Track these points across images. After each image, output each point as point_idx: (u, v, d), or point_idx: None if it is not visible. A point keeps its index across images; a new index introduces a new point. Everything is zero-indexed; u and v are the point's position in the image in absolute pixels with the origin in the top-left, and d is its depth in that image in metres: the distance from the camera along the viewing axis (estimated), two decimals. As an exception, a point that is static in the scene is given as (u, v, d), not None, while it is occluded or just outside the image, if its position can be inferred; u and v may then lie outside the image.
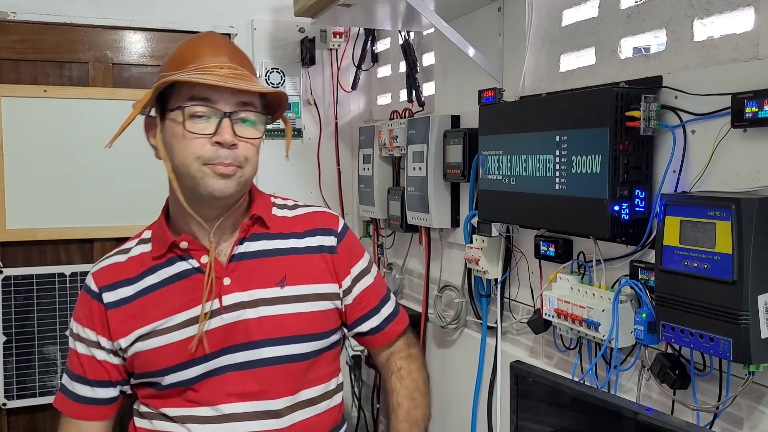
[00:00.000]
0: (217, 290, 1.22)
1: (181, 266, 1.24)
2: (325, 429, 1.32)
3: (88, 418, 1.28)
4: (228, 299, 1.22)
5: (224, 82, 1.16)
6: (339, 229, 1.35)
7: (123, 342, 1.23)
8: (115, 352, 1.25)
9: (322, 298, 1.30)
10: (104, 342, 1.25)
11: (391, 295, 1.44)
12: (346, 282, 1.34)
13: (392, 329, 1.41)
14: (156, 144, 1.23)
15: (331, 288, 1.31)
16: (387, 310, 1.41)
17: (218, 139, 1.16)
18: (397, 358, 1.42)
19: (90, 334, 1.26)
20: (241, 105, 1.19)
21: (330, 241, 1.33)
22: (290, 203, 1.38)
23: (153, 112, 1.25)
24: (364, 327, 1.37)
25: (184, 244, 1.24)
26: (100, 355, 1.25)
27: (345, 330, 1.38)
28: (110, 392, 1.27)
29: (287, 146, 1.35)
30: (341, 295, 1.33)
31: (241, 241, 1.26)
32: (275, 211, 1.33)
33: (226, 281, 1.23)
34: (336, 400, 1.35)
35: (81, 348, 1.27)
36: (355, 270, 1.35)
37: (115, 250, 1.33)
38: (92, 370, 1.26)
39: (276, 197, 1.38)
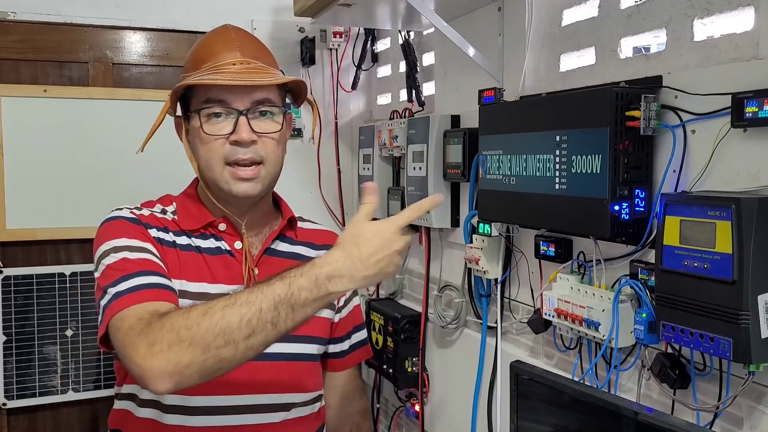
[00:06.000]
0: (249, 276, 1.25)
1: (215, 243, 1.25)
2: (314, 429, 1.36)
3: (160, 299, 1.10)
4: None
5: (232, 81, 1.15)
6: None
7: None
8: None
9: (328, 306, 1.33)
10: (153, 248, 1.18)
11: (364, 325, 1.49)
12: (341, 300, 1.40)
13: (357, 355, 1.45)
14: (184, 143, 1.26)
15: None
16: (357, 337, 1.46)
17: (235, 138, 1.17)
18: (354, 411, 1.47)
19: (138, 243, 1.17)
20: (255, 102, 1.19)
21: None
22: (306, 217, 1.44)
23: (180, 112, 1.26)
24: (336, 348, 1.41)
25: (222, 226, 1.26)
26: (153, 257, 1.17)
27: None
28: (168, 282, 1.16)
29: (313, 130, 1.45)
30: (335, 311, 1.39)
31: (273, 239, 1.30)
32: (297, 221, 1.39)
33: (256, 271, 1.26)
34: (321, 405, 1.39)
35: (130, 255, 1.15)
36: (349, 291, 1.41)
37: (126, 206, 1.25)
38: (149, 264, 1.15)
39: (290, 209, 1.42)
